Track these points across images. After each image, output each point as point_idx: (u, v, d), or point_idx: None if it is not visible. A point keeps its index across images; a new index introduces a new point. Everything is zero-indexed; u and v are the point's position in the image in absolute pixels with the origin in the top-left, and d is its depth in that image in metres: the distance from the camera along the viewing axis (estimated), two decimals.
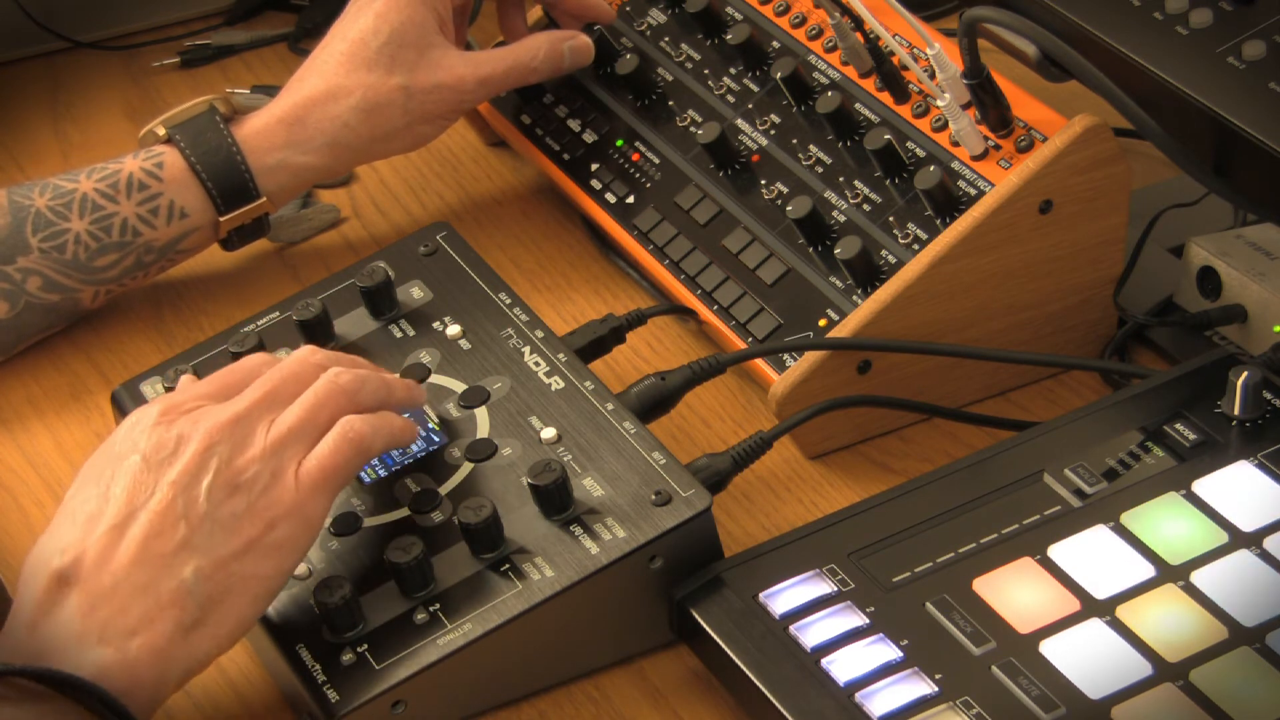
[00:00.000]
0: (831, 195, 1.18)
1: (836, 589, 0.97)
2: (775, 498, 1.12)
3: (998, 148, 1.13)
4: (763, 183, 1.21)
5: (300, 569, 1.02)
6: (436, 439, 1.07)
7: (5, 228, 1.21)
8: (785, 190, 1.20)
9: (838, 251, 1.13)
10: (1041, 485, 1.01)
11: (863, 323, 1.11)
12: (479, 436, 1.06)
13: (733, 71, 1.27)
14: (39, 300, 1.22)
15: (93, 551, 0.92)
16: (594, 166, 1.29)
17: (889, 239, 1.14)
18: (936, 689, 0.91)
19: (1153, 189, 1.27)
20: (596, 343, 1.14)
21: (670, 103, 1.28)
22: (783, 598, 0.97)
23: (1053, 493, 1.00)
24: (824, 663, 0.93)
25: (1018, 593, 0.95)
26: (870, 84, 1.20)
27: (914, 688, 0.91)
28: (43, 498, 1.15)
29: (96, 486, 0.95)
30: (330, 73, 1.26)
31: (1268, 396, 1.02)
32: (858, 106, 1.20)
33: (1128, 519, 0.98)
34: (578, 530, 0.99)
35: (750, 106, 1.24)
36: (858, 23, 1.18)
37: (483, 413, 1.07)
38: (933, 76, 1.14)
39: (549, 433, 1.05)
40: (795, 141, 1.21)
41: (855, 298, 1.13)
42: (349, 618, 0.97)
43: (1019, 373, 1.17)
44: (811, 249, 1.16)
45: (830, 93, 1.19)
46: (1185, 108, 1.08)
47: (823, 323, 1.13)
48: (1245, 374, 1.02)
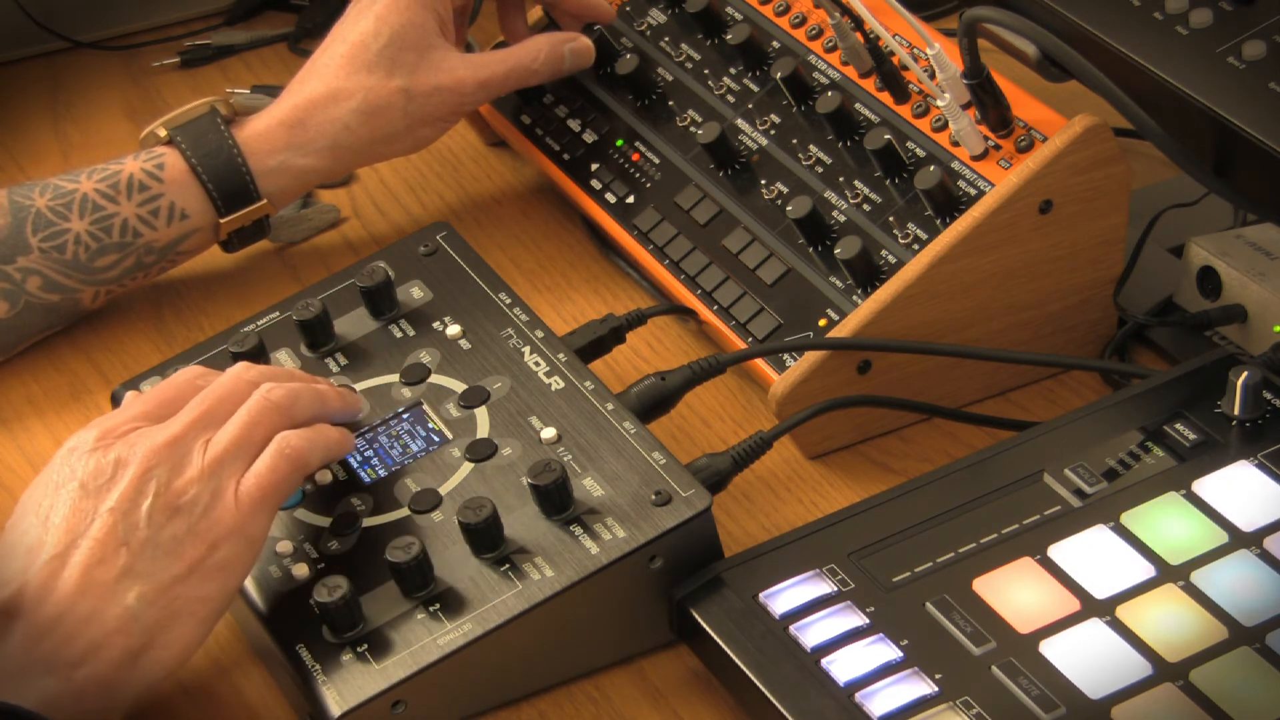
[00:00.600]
0: (831, 195, 1.18)
1: (836, 589, 0.97)
2: (775, 498, 1.12)
3: (998, 148, 1.13)
4: (763, 183, 1.21)
5: (300, 569, 1.02)
6: (436, 439, 1.07)
7: (5, 228, 1.21)
8: (785, 190, 1.20)
9: (838, 251, 1.13)
10: (1041, 485, 1.01)
11: (863, 323, 1.11)
12: (479, 436, 1.06)
13: (733, 71, 1.27)
14: (39, 300, 1.22)
15: (35, 583, 0.92)
16: (594, 166, 1.29)
17: (889, 239, 1.14)
18: (936, 689, 0.91)
19: (1153, 189, 1.27)
20: (596, 343, 1.14)
21: (670, 103, 1.28)
22: (783, 598, 0.97)
23: (1053, 493, 1.00)
24: (824, 663, 0.93)
25: (1018, 593, 0.95)
26: (870, 84, 1.20)
27: (914, 688, 0.91)
28: None
29: (36, 516, 0.94)
30: (331, 75, 1.26)
31: (1268, 396, 1.02)
32: (858, 106, 1.20)
33: (1128, 519, 0.98)
34: (578, 530, 0.99)
35: (750, 106, 1.24)
36: (858, 23, 1.18)
37: (483, 413, 1.07)
38: (933, 76, 1.14)
39: (549, 433, 1.05)
40: (795, 141, 1.21)
41: (855, 298, 1.13)
42: (349, 618, 0.97)
43: (1019, 373, 1.17)
44: (811, 249, 1.16)
45: (830, 93, 1.19)
46: (1185, 108, 1.08)
47: (823, 323, 1.13)
48: (1245, 374, 1.02)
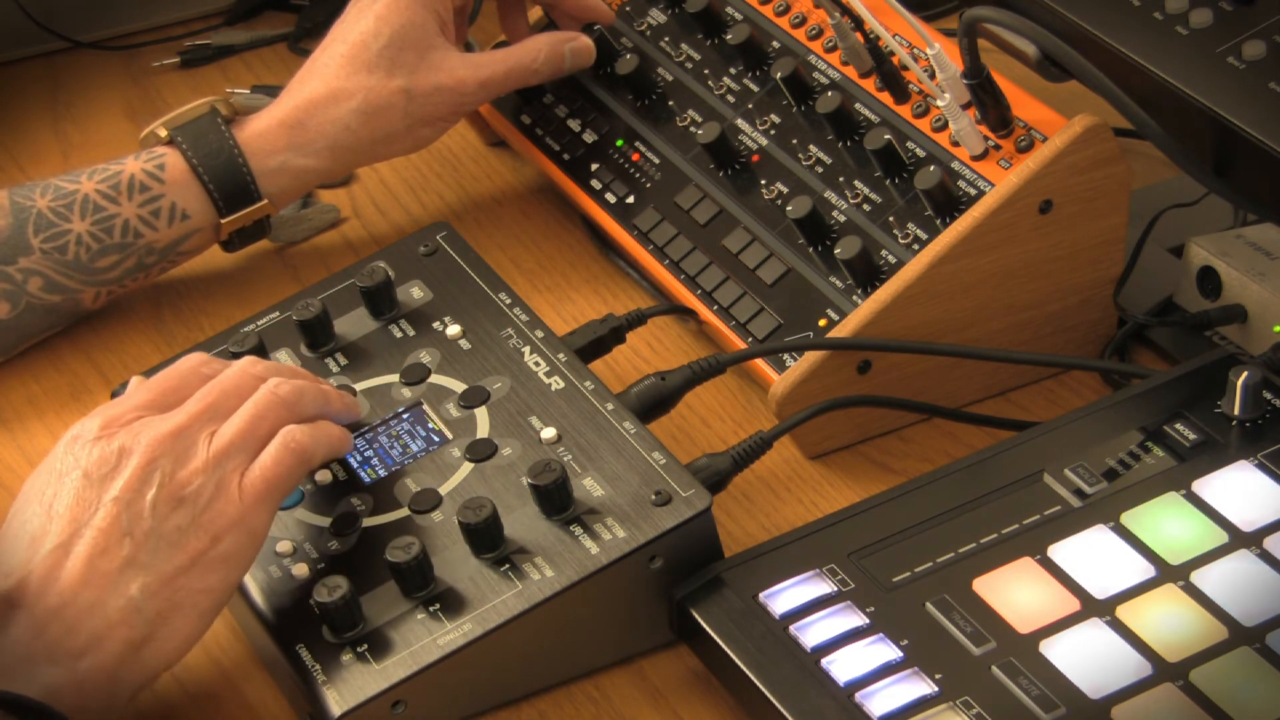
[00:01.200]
0: (831, 195, 1.18)
1: (836, 589, 0.97)
2: (775, 498, 1.12)
3: (998, 148, 1.13)
4: (763, 183, 1.21)
5: (300, 569, 1.02)
6: (436, 439, 1.07)
7: (6, 228, 1.21)
8: (785, 190, 1.20)
9: (838, 251, 1.13)
10: (1041, 485, 1.01)
11: (863, 323, 1.11)
12: (479, 436, 1.06)
13: (733, 71, 1.27)
14: (40, 301, 1.22)
15: (38, 572, 0.92)
16: (594, 166, 1.29)
17: (889, 239, 1.14)
18: (936, 689, 0.91)
19: (1153, 189, 1.27)
20: (596, 343, 1.14)
21: (670, 103, 1.28)
22: (783, 598, 0.97)
23: (1053, 493, 1.00)
24: (824, 663, 0.93)
25: (1018, 593, 0.95)
26: (870, 84, 1.20)
27: (914, 688, 0.91)
28: None
29: (39, 505, 0.94)
30: (331, 75, 1.26)
31: (1268, 396, 1.02)
32: (858, 106, 1.20)
33: (1128, 519, 0.98)
34: (578, 530, 0.99)
35: (750, 106, 1.24)
36: (858, 23, 1.18)
37: (483, 413, 1.07)
38: (933, 76, 1.14)
39: (549, 433, 1.05)
40: (795, 141, 1.21)
41: (855, 298, 1.13)
42: (349, 618, 0.97)
43: (1019, 373, 1.17)
44: (811, 249, 1.16)
45: (830, 93, 1.19)
46: (1185, 108, 1.08)
47: (823, 323, 1.13)
48: (1245, 374, 1.02)
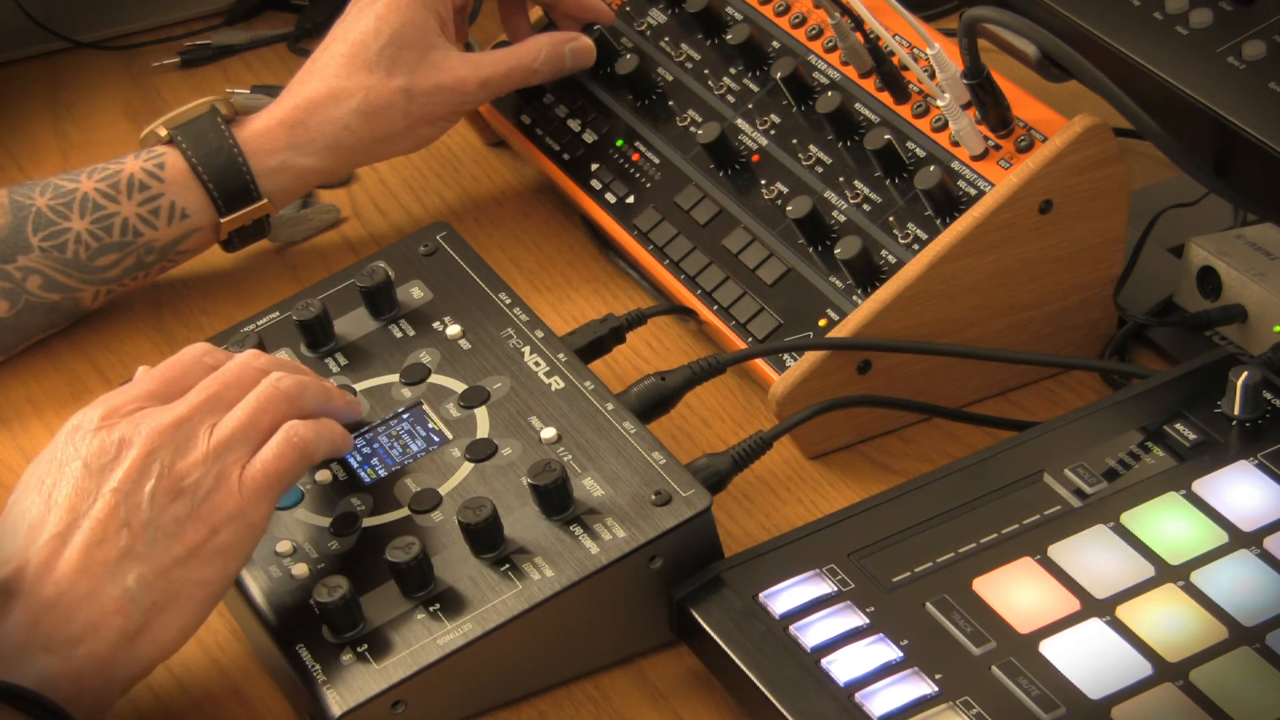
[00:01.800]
0: (831, 195, 1.18)
1: (836, 589, 0.97)
2: (775, 498, 1.12)
3: (998, 148, 1.13)
4: (763, 183, 1.21)
5: (300, 569, 1.02)
6: (436, 439, 1.07)
7: (6, 227, 1.21)
8: (785, 190, 1.20)
9: (838, 251, 1.13)
10: (1041, 485, 1.01)
11: (863, 323, 1.11)
12: (479, 436, 1.06)
13: (733, 71, 1.27)
14: (39, 299, 1.22)
15: (35, 561, 0.92)
16: (594, 166, 1.29)
17: (889, 239, 1.14)
18: (936, 689, 0.91)
19: (1153, 189, 1.27)
20: (596, 343, 1.14)
21: (670, 103, 1.28)
22: (783, 598, 0.97)
23: (1053, 493, 1.00)
24: (824, 663, 0.93)
25: (1018, 593, 0.95)
26: (870, 84, 1.20)
27: (914, 688, 0.91)
28: None
29: (38, 494, 0.94)
30: (331, 75, 1.26)
31: (1268, 396, 1.02)
32: (858, 106, 1.20)
33: (1128, 519, 0.98)
34: (578, 530, 0.99)
35: (750, 106, 1.24)
36: (858, 23, 1.18)
37: (483, 413, 1.07)
38: (933, 76, 1.14)
39: (549, 433, 1.05)
40: (795, 141, 1.21)
41: (855, 298, 1.13)
42: (349, 618, 0.97)
43: (1019, 373, 1.17)
44: (811, 249, 1.16)
45: (830, 93, 1.19)
46: (1185, 108, 1.08)
47: (823, 323, 1.13)
48: (1245, 374, 1.02)
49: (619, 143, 1.29)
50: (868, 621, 0.95)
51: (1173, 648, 0.92)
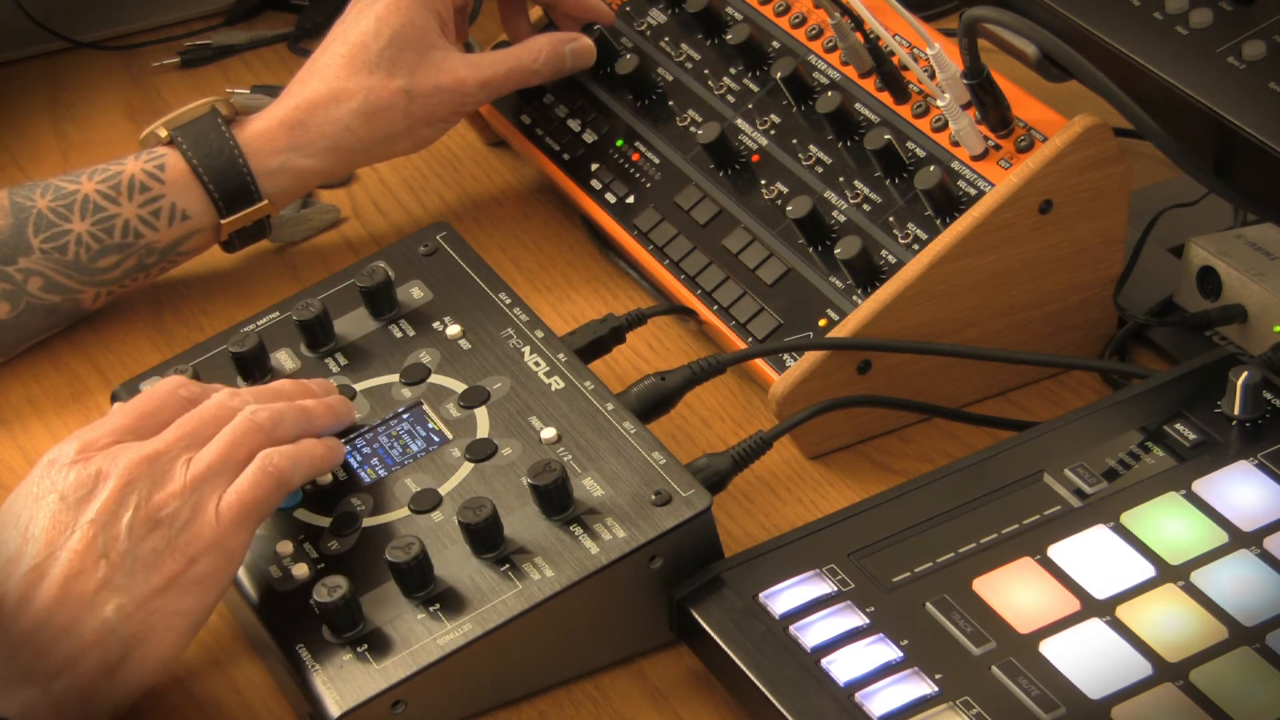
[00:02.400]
0: (831, 195, 1.18)
1: (836, 589, 0.97)
2: (775, 498, 1.12)
3: (998, 148, 1.13)
4: (763, 183, 1.21)
5: (300, 569, 1.02)
6: (436, 439, 1.07)
7: (7, 228, 1.21)
8: (785, 190, 1.20)
9: (838, 251, 1.13)
10: (1041, 485, 1.01)
11: (863, 323, 1.11)
12: (479, 436, 1.06)
13: (733, 71, 1.27)
14: (40, 301, 1.22)
15: (13, 593, 0.92)
16: (594, 166, 1.29)
17: (889, 239, 1.14)
18: (936, 689, 0.91)
19: (1153, 189, 1.27)
20: (596, 343, 1.14)
21: (670, 103, 1.28)
22: (783, 598, 0.97)
23: (1053, 493, 1.00)
24: (824, 663, 0.93)
25: (1018, 593, 0.95)
26: (870, 84, 1.20)
27: (914, 688, 0.91)
28: None
29: (15, 528, 0.94)
30: (331, 76, 1.26)
31: (1268, 396, 1.02)
32: (858, 106, 1.20)
33: (1128, 519, 0.98)
34: (578, 530, 0.99)
35: (750, 106, 1.24)
36: (858, 23, 1.18)
37: (483, 413, 1.07)
38: (933, 76, 1.14)
39: (549, 433, 1.05)
40: (795, 141, 1.21)
41: (855, 298, 1.13)
42: (349, 618, 0.97)
43: (1019, 373, 1.17)
44: (811, 249, 1.16)
45: (830, 93, 1.19)
46: (1185, 108, 1.08)
47: (823, 323, 1.13)
48: (1245, 374, 1.02)
49: (619, 143, 1.29)
50: (868, 621, 0.95)
51: (1173, 648, 0.92)
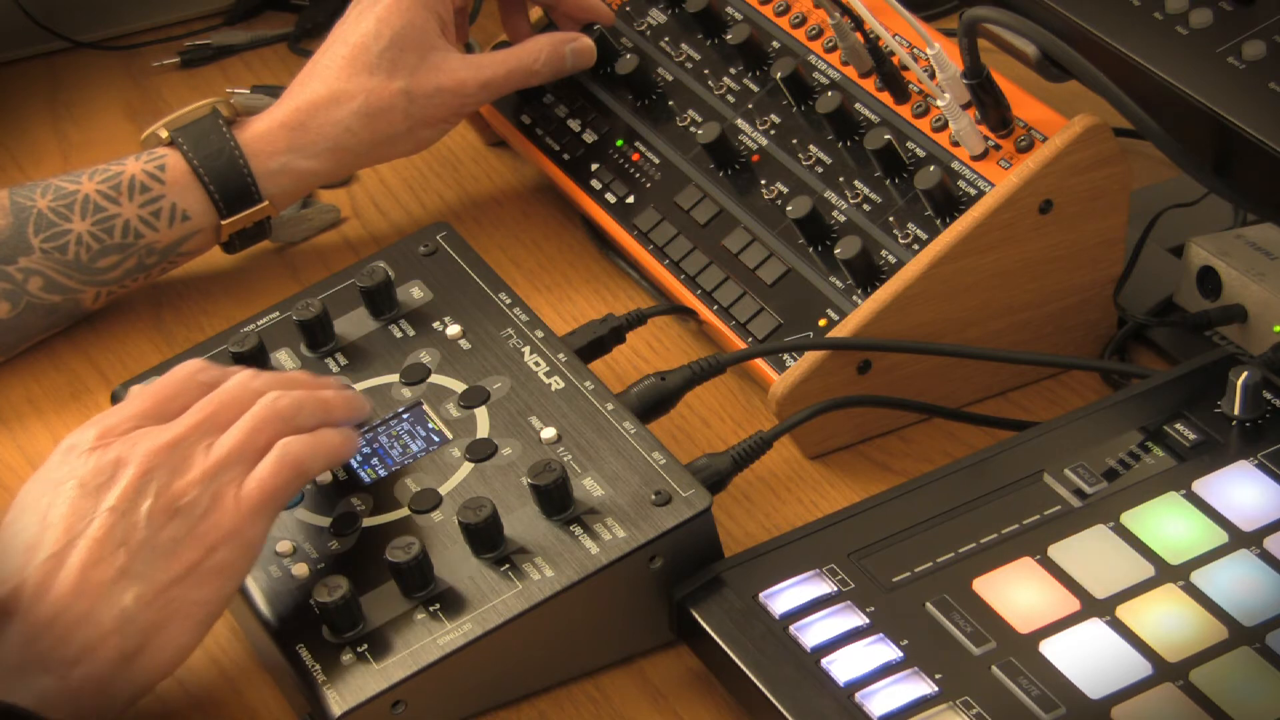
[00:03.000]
0: (831, 195, 1.18)
1: (836, 589, 0.97)
2: (775, 498, 1.12)
3: (998, 148, 1.13)
4: (763, 183, 1.21)
5: (300, 569, 1.02)
6: (436, 439, 1.07)
7: (7, 228, 1.21)
8: (785, 190, 1.20)
9: (838, 251, 1.13)
10: (1041, 485, 1.01)
11: (863, 323, 1.11)
12: (479, 436, 1.06)
13: (733, 71, 1.27)
14: (40, 301, 1.22)
15: (31, 581, 0.92)
16: (594, 166, 1.29)
17: (889, 239, 1.14)
18: (936, 689, 0.91)
19: (1153, 189, 1.27)
20: (596, 343, 1.14)
21: (670, 103, 1.28)
22: (783, 598, 0.97)
23: (1053, 493, 1.00)
24: (824, 663, 0.93)
25: (1018, 593, 0.95)
26: (870, 84, 1.20)
27: (914, 688, 0.91)
28: None
29: (34, 514, 0.94)
30: (332, 77, 1.26)
31: (1268, 396, 1.02)
32: (858, 106, 1.20)
33: (1128, 519, 0.98)
34: (578, 530, 1.00)
35: (750, 106, 1.24)
36: (858, 23, 1.18)
37: (483, 413, 1.07)
38: (933, 76, 1.14)
39: (549, 433, 1.05)
40: (795, 141, 1.21)
41: (855, 298, 1.13)
42: (349, 618, 0.97)
43: (1019, 373, 1.17)
44: (811, 249, 1.16)
45: (830, 93, 1.19)
46: (1185, 108, 1.08)
47: (823, 323, 1.13)
48: (1245, 374, 1.02)
49: (619, 143, 1.29)
50: (868, 621, 0.95)
51: (1173, 648, 0.92)
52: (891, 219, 1.15)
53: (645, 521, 0.99)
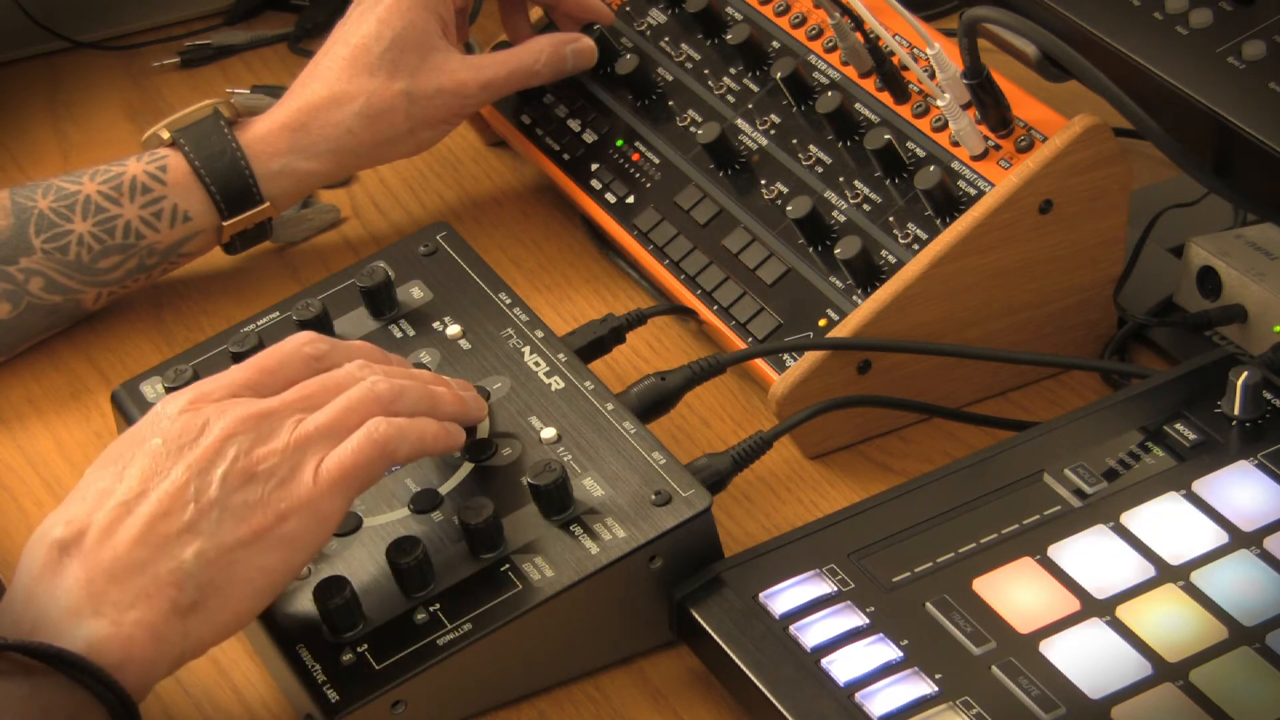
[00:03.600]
0: (831, 195, 1.18)
1: (836, 589, 0.97)
2: (775, 498, 1.12)
3: (998, 148, 1.13)
4: (763, 183, 1.21)
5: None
6: None
7: (8, 228, 1.21)
8: (785, 190, 1.20)
9: (838, 251, 1.13)
10: (1041, 485, 1.01)
11: (863, 323, 1.11)
12: (479, 436, 1.06)
13: (733, 71, 1.27)
14: (41, 301, 1.22)
15: (98, 525, 0.92)
16: (594, 166, 1.29)
17: (889, 239, 1.14)
18: (936, 689, 0.91)
19: (1153, 189, 1.27)
20: (596, 343, 1.14)
21: (670, 103, 1.28)
22: (783, 598, 0.97)
23: (1053, 493, 1.00)
24: (824, 663, 0.93)
25: (1018, 593, 0.95)
26: (870, 84, 1.20)
27: (914, 688, 0.91)
28: (42, 498, 1.15)
29: (114, 466, 0.94)
30: (333, 78, 1.26)
31: (1268, 396, 1.02)
32: (858, 106, 1.20)
33: (1128, 519, 0.98)
34: (578, 530, 1.00)
35: (750, 106, 1.24)
36: (858, 23, 1.18)
37: None
38: (933, 76, 1.14)
39: (549, 433, 1.05)
40: (795, 141, 1.21)
41: (855, 298, 1.13)
42: (349, 618, 0.97)
43: (1019, 373, 1.17)
44: (811, 249, 1.16)
45: (830, 93, 1.19)
46: (1185, 108, 1.08)
47: (823, 323, 1.13)
48: (1245, 374, 1.02)
49: (619, 143, 1.29)
50: (868, 621, 0.95)
51: (1173, 648, 0.92)
52: (891, 219, 1.15)
53: (645, 521, 0.99)
